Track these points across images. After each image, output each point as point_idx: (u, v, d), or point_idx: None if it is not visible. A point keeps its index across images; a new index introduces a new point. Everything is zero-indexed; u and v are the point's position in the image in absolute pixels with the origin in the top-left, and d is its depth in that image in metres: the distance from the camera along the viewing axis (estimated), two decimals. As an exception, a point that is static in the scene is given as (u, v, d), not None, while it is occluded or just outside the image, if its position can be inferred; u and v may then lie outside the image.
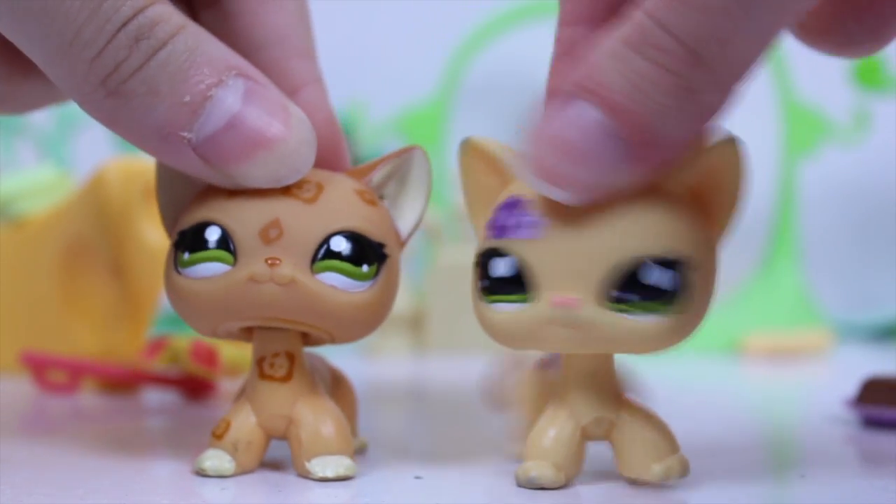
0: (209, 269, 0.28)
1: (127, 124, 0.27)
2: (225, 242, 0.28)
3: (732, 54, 0.24)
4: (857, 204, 0.79)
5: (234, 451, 0.29)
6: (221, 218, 0.28)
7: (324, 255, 0.28)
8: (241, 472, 0.29)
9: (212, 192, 0.28)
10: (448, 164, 0.71)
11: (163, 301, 0.44)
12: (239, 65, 0.27)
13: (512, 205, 0.27)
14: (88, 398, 0.44)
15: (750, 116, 0.31)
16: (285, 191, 0.28)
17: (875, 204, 0.79)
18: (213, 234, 0.28)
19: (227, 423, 0.29)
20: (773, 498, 0.28)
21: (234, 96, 0.27)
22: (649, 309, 0.25)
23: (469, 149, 0.29)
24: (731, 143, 0.26)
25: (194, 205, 0.29)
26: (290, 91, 0.31)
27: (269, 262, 0.27)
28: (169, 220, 0.30)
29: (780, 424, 0.43)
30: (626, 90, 0.24)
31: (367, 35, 0.79)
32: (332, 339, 0.29)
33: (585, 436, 0.28)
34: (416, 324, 0.63)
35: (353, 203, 0.28)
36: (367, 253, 0.28)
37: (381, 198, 0.30)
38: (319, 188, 0.28)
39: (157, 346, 0.43)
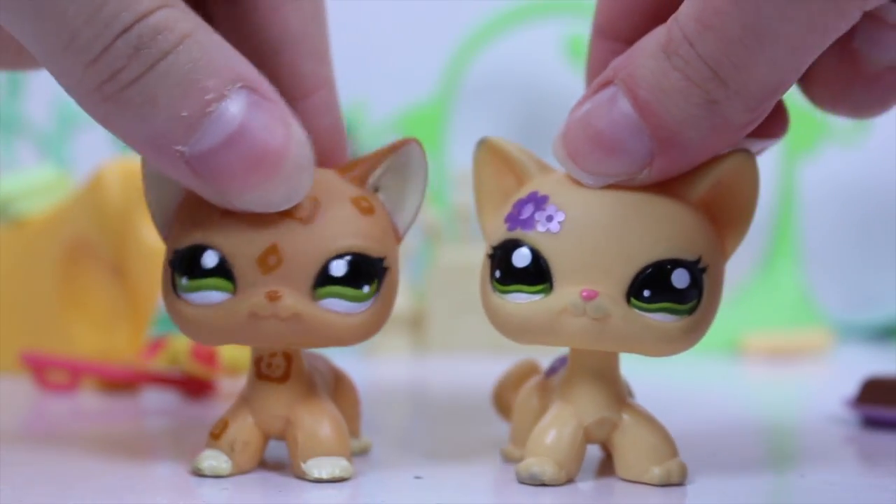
0: (209, 297, 0.27)
1: (121, 129, 0.26)
2: (223, 269, 0.27)
3: (750, 79, 0.25)
4: (857, 204, 0.79)
5: (230, 452, 0.28)
6: (218, 242, 0.27)
7: (324, 280, 0.27)
8: (238, 472, 0.29)
9: (206, 207, 0.27)
10: (448, 164, 0.71)
11: (163, 301, 0.44)
12: (245, 75, 0.26)
13: (532, 199, 0.27)
14: (88, 398, 0.44)
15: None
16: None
17: (875, 204, 0.79)
18: (210, 260, 0.27)
19: (224, 422, 0.29)
20: (773, 498, 0.28)
21: (235, 110, 0.25)
22: (669, 310, 0.26)
23: (486, 148, 0.29)
24: (745, 157, 0.27)
25: (187, 220, 0.28)
26: (301, 95, 0.30)
27: (270, 296, 0.27)
28: (158, 218, 0.29)
29: (780, 424, 0.43)
30: (654, 90, 0.25)
31: (366, 35, 0.79)
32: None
33: (587, 437, 0.28)
34: (416, 324, 0.63)
35: (351, 217, 0.28)
36: (368, 272, 0.28)
37: (377, 190, 0.29)
38: (316, 204, 0.27)
39: (157, 346, 0.43)
